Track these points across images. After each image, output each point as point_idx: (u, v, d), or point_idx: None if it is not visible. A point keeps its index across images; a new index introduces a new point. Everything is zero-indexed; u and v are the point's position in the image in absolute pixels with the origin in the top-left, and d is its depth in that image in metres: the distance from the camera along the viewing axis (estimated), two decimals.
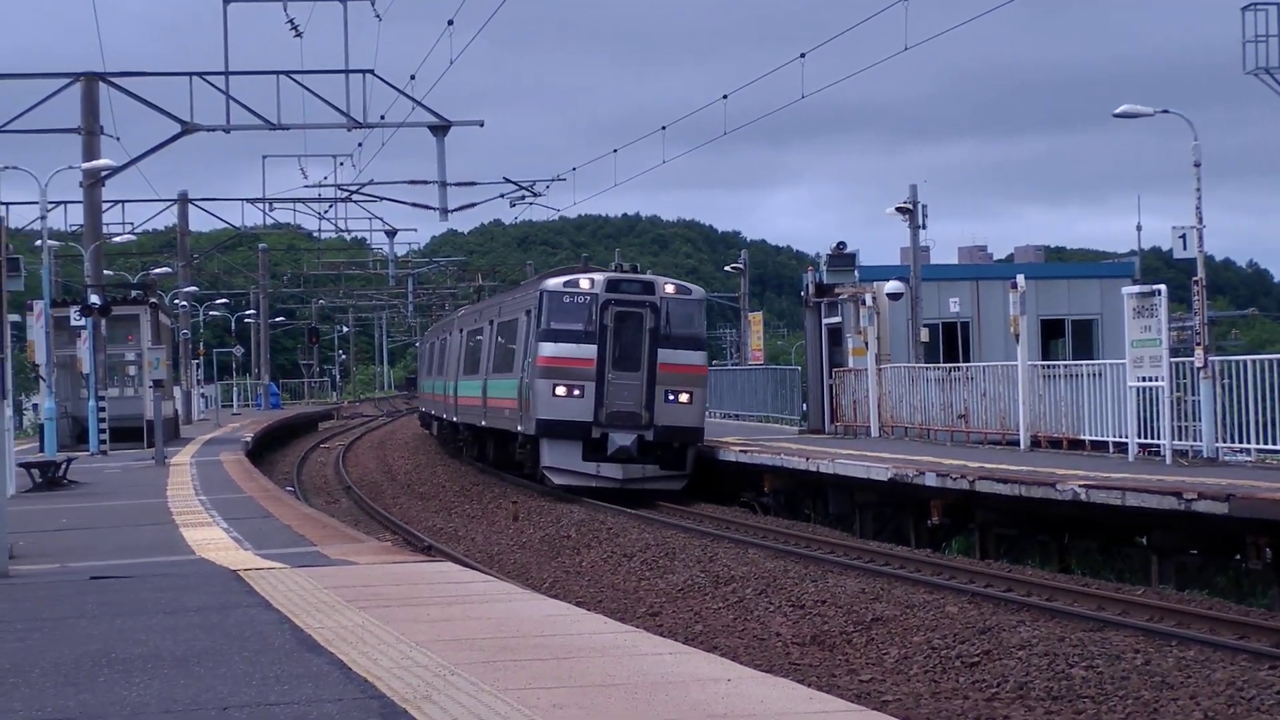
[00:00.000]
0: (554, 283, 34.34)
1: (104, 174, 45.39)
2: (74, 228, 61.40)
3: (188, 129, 43.13)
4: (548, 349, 33.61)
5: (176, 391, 62.37)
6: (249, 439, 49.96)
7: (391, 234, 71.67)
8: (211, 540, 19.28)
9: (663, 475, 33.91)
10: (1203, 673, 13.57)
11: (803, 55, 34.01)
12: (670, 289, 34.03)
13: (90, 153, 44.43)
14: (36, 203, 44.51)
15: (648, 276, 34.81)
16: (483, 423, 42.23)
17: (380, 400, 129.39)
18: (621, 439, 33.07)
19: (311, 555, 17.35)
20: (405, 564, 16.45)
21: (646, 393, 33.26)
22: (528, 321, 35.53)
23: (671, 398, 33.35)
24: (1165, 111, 30.26)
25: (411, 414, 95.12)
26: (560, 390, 33.23)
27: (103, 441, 43.72)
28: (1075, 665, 14.22)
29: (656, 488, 33.86)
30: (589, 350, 33.33)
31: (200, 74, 42.86)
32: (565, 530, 29.02)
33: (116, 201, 64.93)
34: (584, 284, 33.78)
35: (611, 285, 33.79)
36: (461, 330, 49.51)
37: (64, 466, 31.99)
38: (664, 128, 43.93)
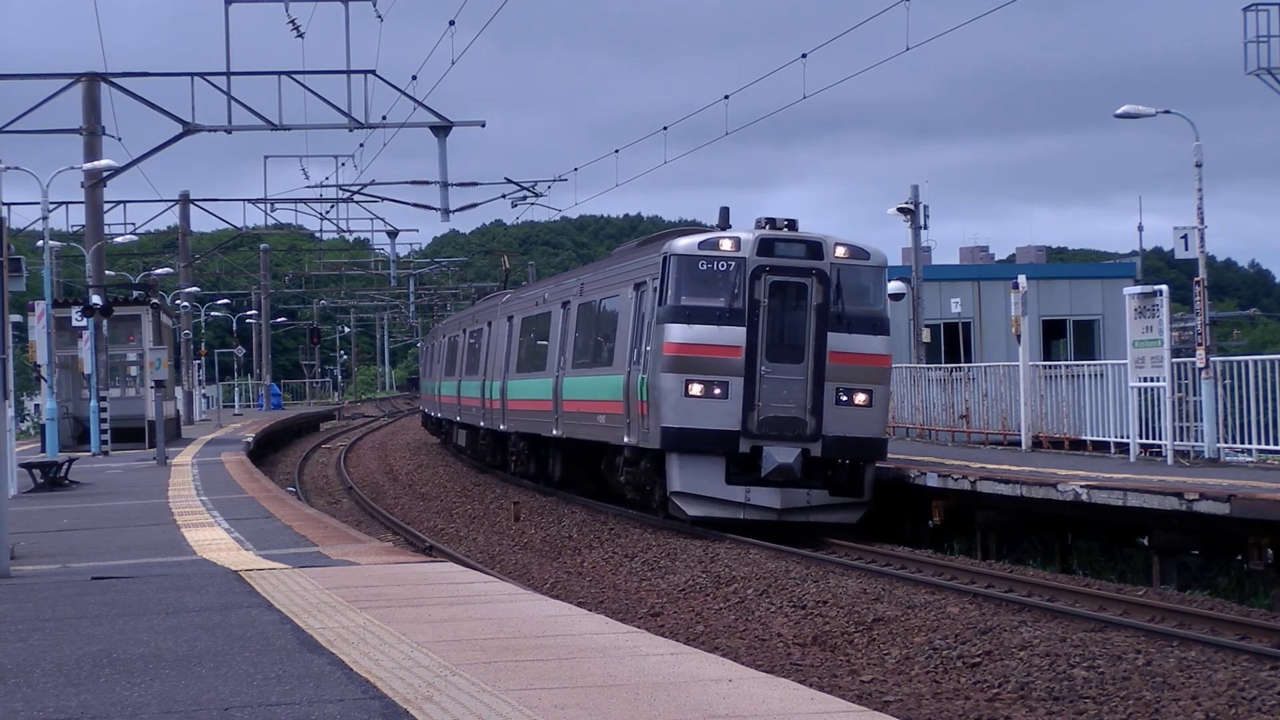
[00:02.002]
0: (684, 244, 26.09)
1: (105, 174, 45.40)
2: (75, 228, 61.48)
3: (189, 129, 43.14)
4: (677, 333, 25.70)
5: (178, 392, 62.40)
6: (250, 439, 49.96)
7: (393, 234, 71.80)
8: (213, 541, 19.28)
9: (833, 504, 25.83)
10: (1204, 673, 13.57)
11: (804, 55, 33.99)
12: (842, 251, 25.95)
13: (92, 153, 44.45)
14: (38, 203, 44.57)
15: (812, 235, 26.28)
16: (554, 432, 33.51)
17: (381, 401, 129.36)
18: (780, 454, 25.22)
19: (313, 556, 17.36)
20: (406, 564, 16.46)
21: (812, 392, 25.50)
22: (636, 298, 27.79)
23: (845, 398, 25.59)
24: (1167, 112, 30.28)
25: (413, 414, 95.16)
26: (696, 389, 25.46)
27: (104, 442, 43.74)
28: (1077, 665, 14.22)
29: (824, 520, 25.86)
30: (734, 334, 25.54)
31: (202, 74, 42.89)
32: (566, 531, 29.02)
33: (118, 202, 65.13)
34: (726, 244, 25.76)
35: (764, 246, 25.71)
36: (509, 318, 40.57)
37: (65, 467, 32.00)
38: (665, 128, 43.90)
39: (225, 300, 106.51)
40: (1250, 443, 26.25)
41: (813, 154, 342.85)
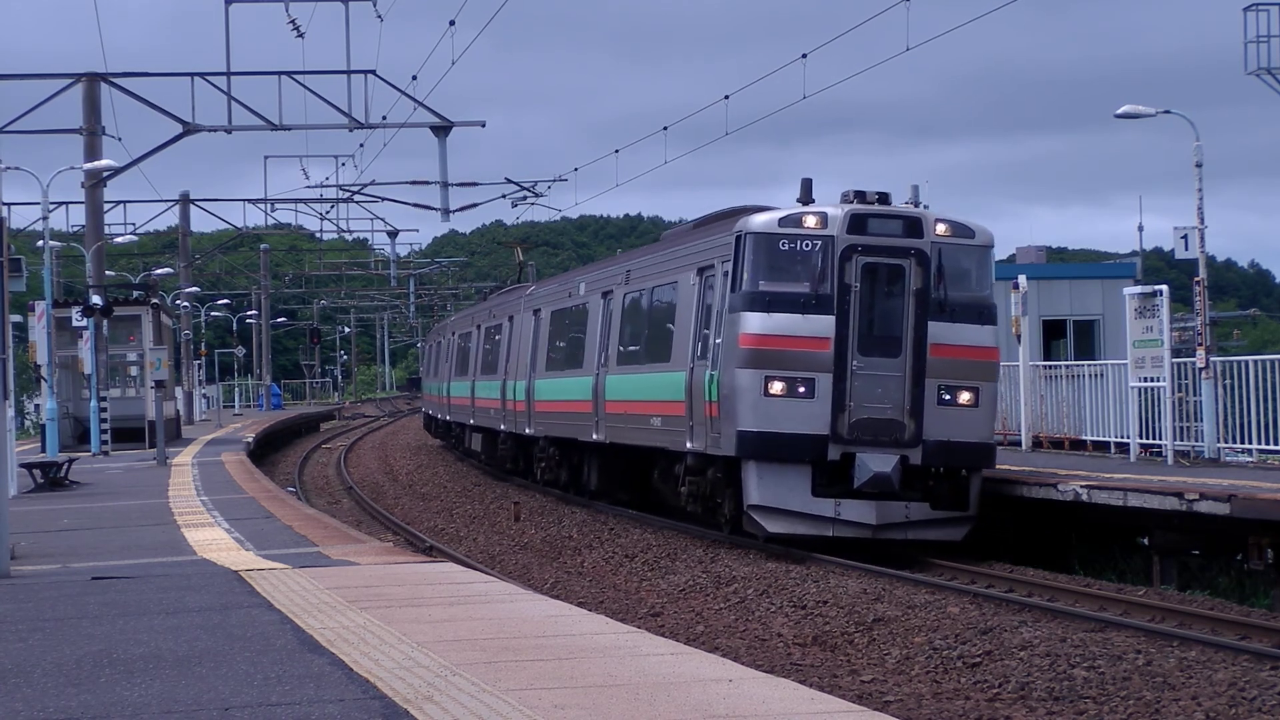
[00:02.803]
0: (762, 221, 23.12)
1: (106, 174, 45.42)
2: (76, 228, 61.52)
3: (189, 129, 43.15)
4: (755, 323, 22.76)
5: (178, 392, 62.42)
6: (250, 439, 49.97)
7: (393, 234, 71.84)
8: (213, 541, 19.29)
9: (935, 519, 22.85)
10: (1204, 673, 13.57)
11: (804, 55, 33.99)
12: (943, 228, 23.14)
13: (92, 153, 44.47)
14: (38, 203, 44.61)
15: (909, 209, 23.55)
16: (594, 436, 30.51)
17: (382, 401, 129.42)
18: (875, 462, 22.40)
19: (313, 556, 17.36)
20: (407, 564, 16.46)
21: (911, 390, 22.72)
22: (701, 285, 24.95)
23: (948, 397, 22.84)
24: (1167, 112, 30.28)
25: (414, 414, 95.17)
26: (776, 387, 22.58)
27: (104, 442, 43.76)
28: (1077, 666, 14.22)
29: (925, 537, 22.91)
30: (821, 324, 22.67)
31: (202, 74, 42.91)
32: (567, 531, 29.02)
33: (118, 202, 65.17)
34: (810, 221, 22.89)
35: (855, 223, 22.85)
36: (535, 312, 37.19)
37: (65, 467, 32.00)
38: (666, 128, 43.88)
39: (225, 300, 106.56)
40: (1251, 443, 26.25)
41: (813, 154, 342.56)
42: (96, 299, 42.81)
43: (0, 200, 20.43)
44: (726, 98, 38.98)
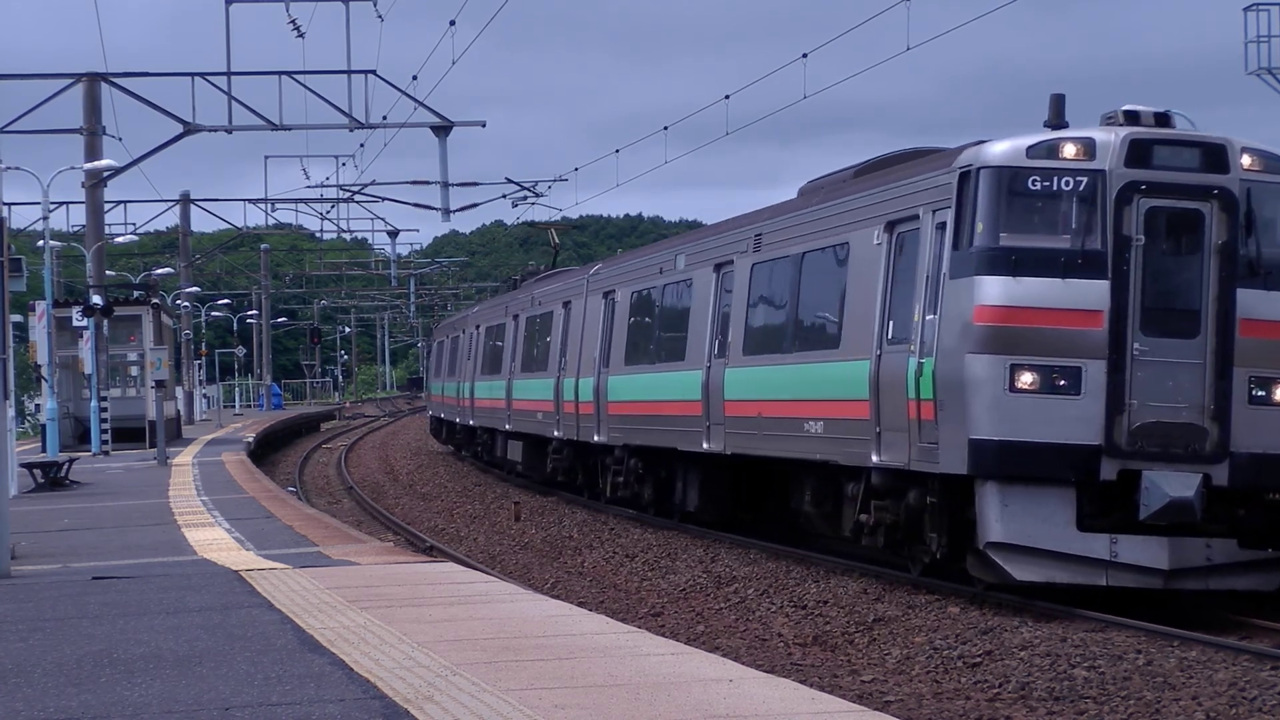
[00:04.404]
0: (1003, 151, 17.21)
1: (106, 174, 45.43)
2: (76, 228, 61.53)
3: (190, 129, 43.15)
4: (995, 290, 16.95)
5: (178, 392, 62.44)
6: (251, 439, 49.99)
7: (393, 234, 71.87)
8: (213, 541, 19.29)
9: (1245, 561, 17.05)
10: (1205, 673, 13.57)
11: (805, 55, 33.96)
12: (1252, 161, 17.38)
13: (92, 153, 44.48)
14: (39, 203, 44.65)
15: (1207, 136, 17.54)
16: (707, 445, 24.44)
17: (382, 401, 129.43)
18: (1169, 483, 16.47)
19: (313, 556, 17.37)
20: (407, 564, 16.46)
21: (1215, 384, 16.92)
22: (890, 243, 19.07)
23: (1263, 393, 17.04)
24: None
25: (414, 414, 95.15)
26: (1027, 378, 16.77)
27: (105, 442, 43.78)
28: (1077, 665, 14.22)
29: (1231, 586, 17.15)
30: (1090, 292, 16.87)
31: (202, 74, 42.92)
32: (567, 531, 29.00)
33: (118, 202, 65.23)
34: (1071, 150, 17.02)
35: (1137, 151, 17.05)
36: (604, 294, 31.04)
37: (66, 467, 32.01)
38: (666, 128, 43.85)
39: (226, 300, 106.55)
40: None
41: (815, 153, 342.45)
42: (97, 299, 42.83)
43: (0, 200, 20.40)
44: (727, 97, 38.96)
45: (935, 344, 17.50)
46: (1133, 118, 17.41)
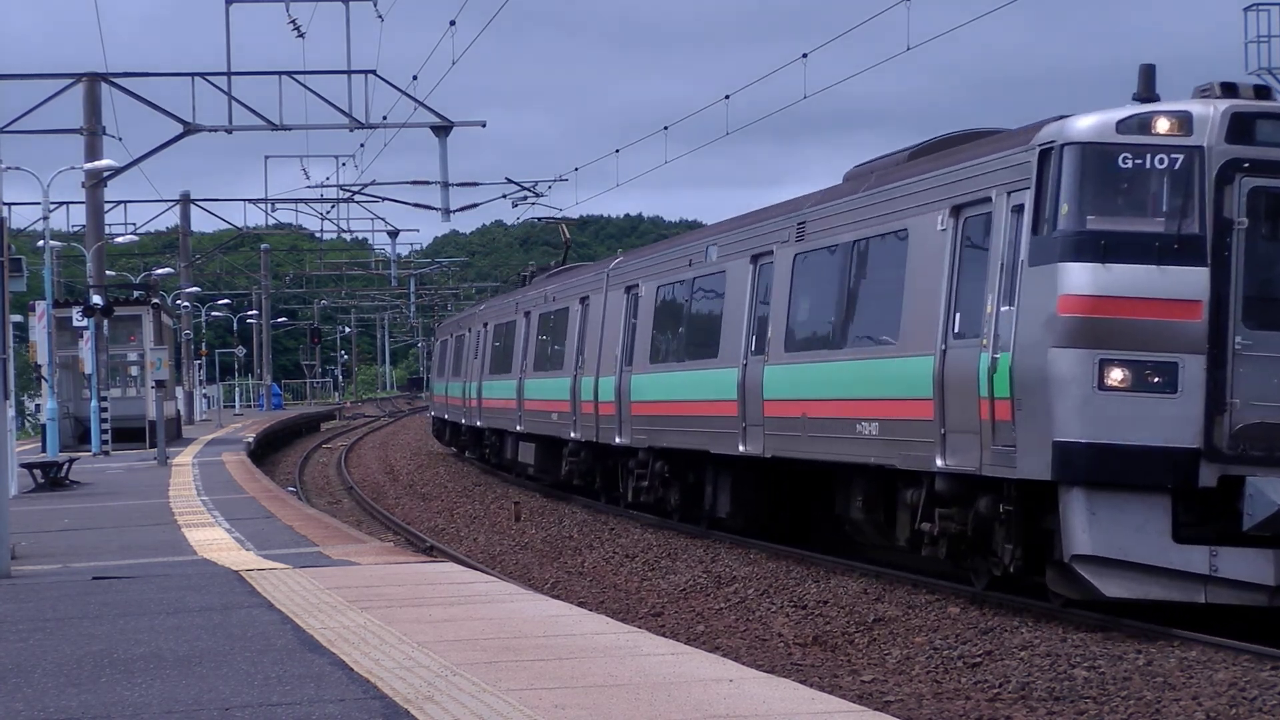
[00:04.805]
0: (1092, 125, 15.84)
1: (106, 174, 45.45)
2: (76, 228, 61.56)
3: (190, 129, 43.17)
4: (1083, 279, 15.59)
5: (178, 392, 62.47)
6: (251, 439, 50.00)
7: (393, 234, 71.93)
8: (214, 541, 19.30)
9: None
10: (1205, 673, 13.57)
11: (805, 55, 33.96)
12: None
13: (92, 153, 44.50)
14: (39, 203, 44.67)
15: None
16: (744, 448, 23.12)
17: (382, 401, 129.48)
18: (1275, 491, 15.10)
19: (313, 556, 17.37)
20: (407, 564, 16.46)
21: None
22: (957, 229, 17.66)
23: None
24: None
25: (414, 414, 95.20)
26: (1117, 375, 15.47)
27: (105, 442, 43.80)
28: (1077, 665, 14.22)
29: None
30: (1189, 281, 15.55)
31: (202, 74, 42.95)
32: (567, 531, 29.00)
33: (119, 202, 65.25)
34: (1165, 124, 15.70)
35: (1239, 126, 15.71)
36: (627, 289, 29.46)
37: (66, 467, 32.02)
38: (666, 128, 43.88)
39: (226, 300, 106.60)
40: None
41: (816, 152, 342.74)
42: (97, 299, 42.84)
43: (0, 200, 20.41)
44: (727, 97, 38.95)
45: (1012, 338, 16.13)
46: (1230, 90, 16.11)
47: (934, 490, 17.69)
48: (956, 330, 17.41)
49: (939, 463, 17.37)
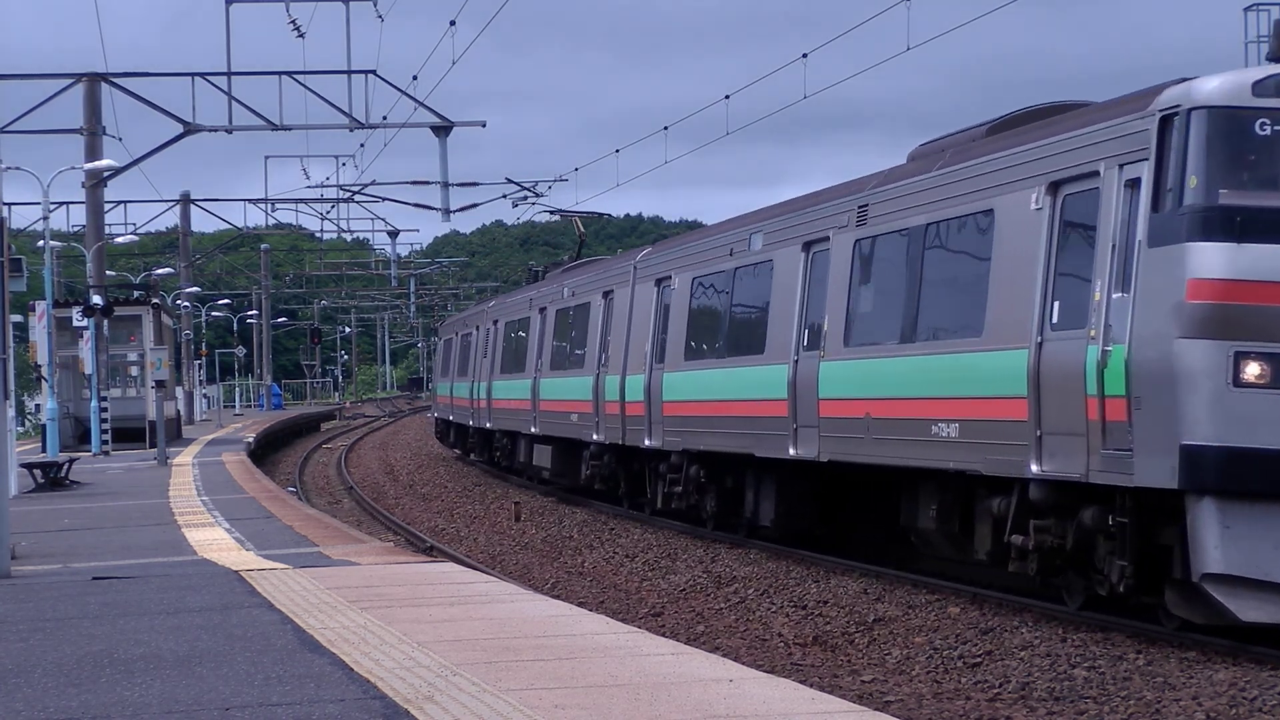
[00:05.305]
0: (1222, 86, 14.18)
1: (106, 174, 45.45)
2: (76, 228, 61.60)
3: (190, 129, 43.17)
4: (1215, 261, 13.91)
5: (178, 392, 62.47)
6: (251, 440, 50.00)
7: (394, 234, 71.96)
8: (214, 541, 19.30)
9: None
10: (1205, 673, 13.56)
11: (805, 55, 33.94)
12: None
13: (92, 153, 44.51)
14: (39, 203, 44.67)
15: None
16: (795, 451, 21.19)
17: (382, 401, 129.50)
18: None
19: (313, 556, 17.37)
20: (407, 565, 16.46)
21: None
22: (1054, 208, 15.82)
23: None
24: None
25: (414, 415, 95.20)
26: (1254, 370, 13.79)
27: (105, 442, 43.80)
28: (1077, 665, 14.22)
29: None
30: None
31: (202, 74, 42.96)
32: (567, 531, 29.00)
33: (119, 202, 65.26)
34: None
35: None
36: (658, 281, 27.57)
37: (66, 467, 32.01)
38: (666, 128, 43.87)
39: (226, 300, 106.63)
40: None
41: (817, 152, 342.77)
42: (97, 299, 42.85)
43: (1, 200, 20.41)
44: (727, 97, 38.95)
45: (1128, 329, 14.33)
46: None
47: (1026, 499, 15.79)
48: (1055, 321, 15.57)
49: (1033, 468, 15.50)
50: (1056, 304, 15.60)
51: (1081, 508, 15.16)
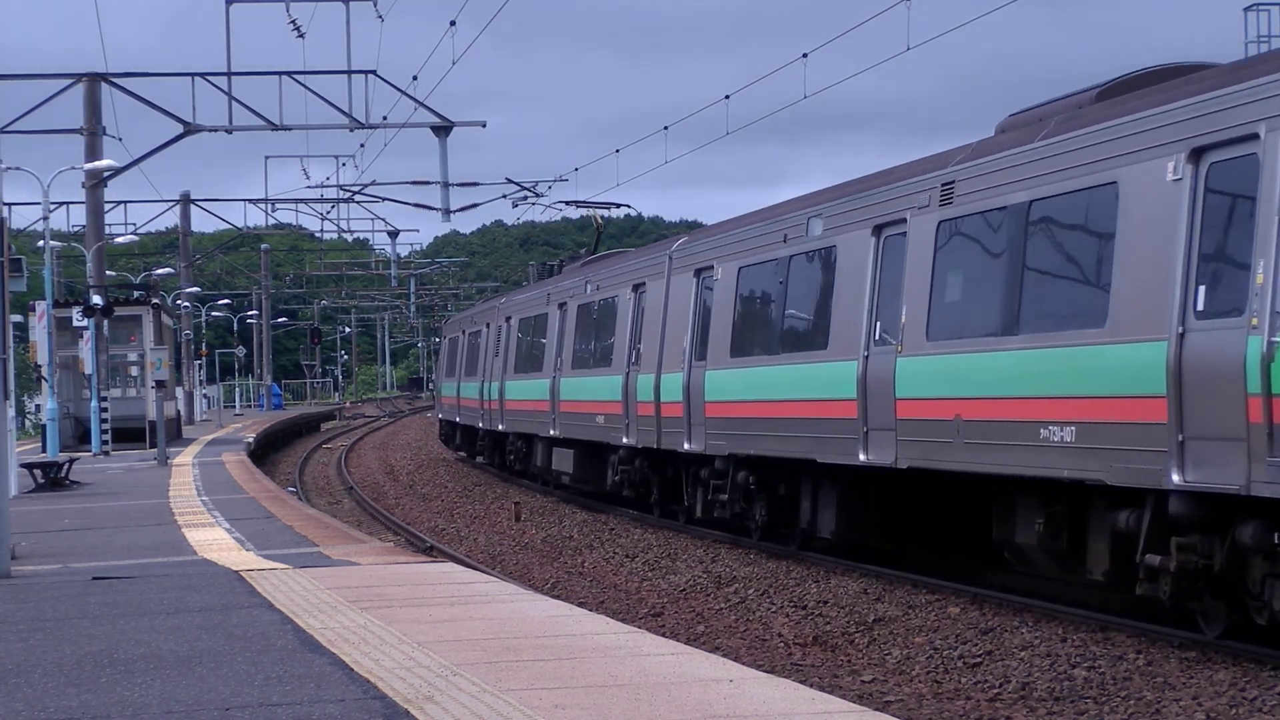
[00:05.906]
0: None
1: (106, 175, 45.46)
2: (76, 228, 61.61)
3: (190, 129, 43.17)
4: None
5: (178, 392, 62.48)
6: (251, 440, 50.00)
7: (394, 234, 71.97)
8: (214, 541, 19.30)
9: None
10: (1205, 673, 13.56)
11: (805, 55, 33.93)
12: None
13: (93, 153, 44.51)
14: (39, 203, 44.67)
15: None
16: (865, 456, 19.18)
17: (382, 401, 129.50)
18: None
19: (313, 556, 17.37)
20: (407, 565, 16.46)
21: None
22: (1196, 180, 13.72)
23: None
24: None
25: (414, 415, 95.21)
26: None
27: (105, 442, 43.80)
28: (1078, 665, 14.22)
29: None
30: None
31: (202, 74, 42.96)
32: (567, 531, 29.00)
33: (119, 202, 65.32)
34: None
35: None
36: (696, 272, 25.67)
37: (66, 467, 32.01)
38: (666, 128, 43.88)
39: (226, 300, 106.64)
40: None
41: (817, 152, 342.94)
42: (97, 299, 42.85)
43: (1, 200, 20.40)
44: (727, 97, 38.95)
45: None
46: None
47: (1169, 514, 13.72)
48: (1201, 308, 13.41)
49: (1175, 478, 13.42)
50: (1202, 289, 13.44)
51: (1236, 524, 13.21)
